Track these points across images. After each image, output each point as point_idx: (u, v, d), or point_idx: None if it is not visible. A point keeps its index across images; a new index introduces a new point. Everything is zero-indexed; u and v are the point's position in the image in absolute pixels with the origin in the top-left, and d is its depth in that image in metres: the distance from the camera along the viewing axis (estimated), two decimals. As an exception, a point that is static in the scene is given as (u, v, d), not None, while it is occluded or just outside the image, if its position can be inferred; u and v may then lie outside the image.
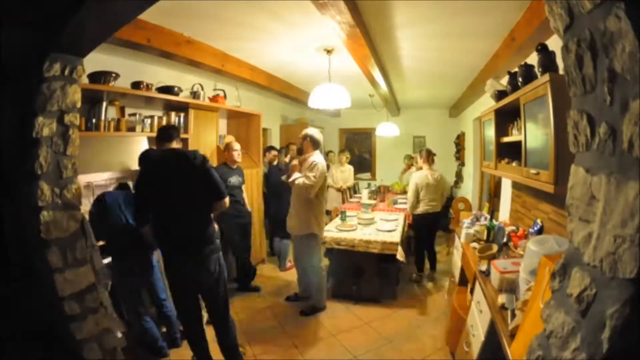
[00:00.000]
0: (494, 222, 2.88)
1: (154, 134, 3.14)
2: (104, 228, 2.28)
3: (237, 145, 3.64)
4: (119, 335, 2.38)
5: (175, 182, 2.06)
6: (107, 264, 2.41)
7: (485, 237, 2.69)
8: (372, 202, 5.26)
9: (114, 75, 2.64)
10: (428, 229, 4.09)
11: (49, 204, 1.41)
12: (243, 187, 3.78)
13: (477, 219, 3.21)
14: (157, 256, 2.59)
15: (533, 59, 2.11)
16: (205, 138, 3.80)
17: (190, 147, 3.51)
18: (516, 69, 2.37)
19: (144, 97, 2.96)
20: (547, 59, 1.92)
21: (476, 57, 3.43)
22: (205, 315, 2.42)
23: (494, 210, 3.85)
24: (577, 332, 0.63)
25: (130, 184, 2.74)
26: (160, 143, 2.26)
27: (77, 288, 1.47)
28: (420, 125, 7.79)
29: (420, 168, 4.18)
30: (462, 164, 6.92)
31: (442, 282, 4.06)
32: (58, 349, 1.49)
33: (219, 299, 2.25)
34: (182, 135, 3.45)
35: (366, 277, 3.49)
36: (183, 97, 3.42)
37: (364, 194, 5.67)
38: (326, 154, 6.59)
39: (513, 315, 1.50)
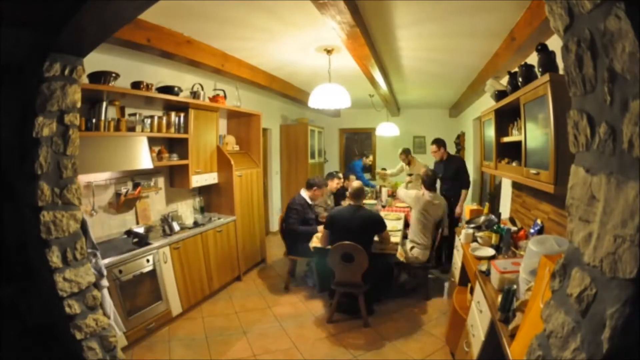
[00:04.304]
0: (502, 226, 2.84)
1: (154, 134, 3.17)
2: None
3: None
4: (119, 334, 2.38)
5: None
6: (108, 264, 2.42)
7: (494, 242, 2.62)
8: (373, 202, 5.25)
9: (114, 75, 2.64)
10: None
11: (49, 204, 1.41)
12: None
13: (489, 222, 2.98)
14: None
15: (533, 59, 2.11)
16: (205, 138, 3.80)
17: (190, 147, 3.52)
18: (516, 69, 2.37)
19: (144, 97, 2.97)
20: (547, 59, 1.92)
21: (476, 57, 3.43)
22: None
23: (494, 210, 3.84)
24: (577, 332, 0.63)
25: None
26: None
27: (77, 288, 1.47)
28: (420, 125, 7.79)
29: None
30: (462, 164, 6.91)
31: (442, 282, 4.06)
32: (58, 349, 1.49)
33: None
34: (182, 135, 3.47)
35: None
36: (183, 97, 3.42)
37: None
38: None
39: (513, 316, 1.51)
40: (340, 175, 4.91)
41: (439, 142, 4.58)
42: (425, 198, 3.59)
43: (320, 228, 3.69)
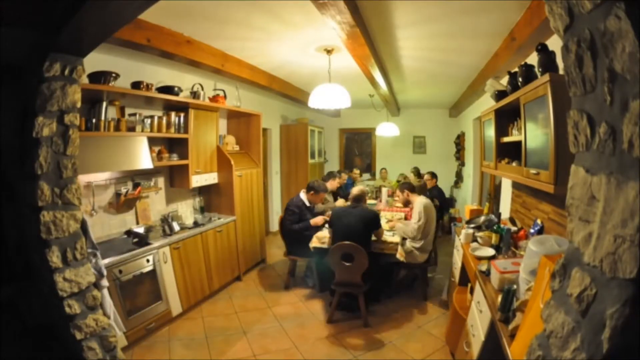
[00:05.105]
0: (502, 226, 2.84)
1: (154, 134, 3.17)
2: None
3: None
4: (119, 334, 2.38)
5: None
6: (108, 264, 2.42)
7: (494, 242, 2.63)
8: (373, 202, 5.26)
9: (114, 75, 2.64)
10: None
11: (49, 204, 1.41)
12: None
13: (489, 222, 2.98)
14: None
15: (533, 59, 2.11)
16: (205, 138, 3.80)
17: (190, 147, 3.52)
18: (516, 69, 2.37)
19: (144, 97, 2.96)
20: (547, 59, 1.92)
21: (476, 57, 3.43)
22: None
23: (494, 211, 3.84)
24: (577, 332, 0.63)
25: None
26: None
27: (77, 288, 1.47)
28: (420, 125, 7.79)
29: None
30: (462, 164, 6.92)
31: (442, 282, 4.06)
32: (58, 349, 1.49)
33: None
34: (182, 135, 3.47)
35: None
36: (183, 97, 3.42)
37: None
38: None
39: (513, 316, 1.51)
40: (339, 175, 4.99)
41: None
42: (426, 201, 3.61)
43: (314, 220, 3.75)
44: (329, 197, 4.76)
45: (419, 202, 3.61)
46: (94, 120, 2.61)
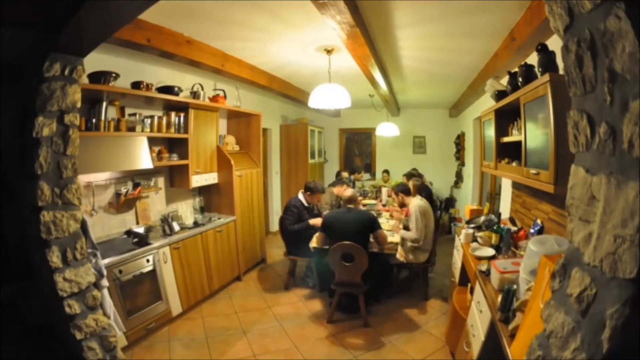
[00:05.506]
0: (502, 226, 2.84)
1: (154, 134, 3.17)
2: None
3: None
4: (119, 334, 2.38)
5: None
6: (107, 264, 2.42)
7: (495, 242, 2.64)
8: (373, 202, 5.26)
9: (114, 75, 2.64)
10: None
11: (49, 204, 1.41)
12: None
13: (489, 222, 2.99)
14: None
15: (533, 59, 2.11)
16: (205, 138, 3.80)
17: (190, 147, 3.52)
18: (516, 69, 2.37)
19: (144, 97, 2.96)
20: (547, 59, 1.92)
21: (476, 57, 3.43)
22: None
23: (495, 211, 3.84)
24: (577, 332, 0.63)
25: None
26: None
27: (77, 288, 1.47)
28: (420, 125, 7.79)
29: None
30: (462, 164, 6.92)
31: (442, 282, 4.06)
32: (58, 349, 1.49)
33: None
34: (182, 135, 3.47)
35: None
36: (183, 97, 3.42)
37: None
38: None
39: (513, 316, 1.51)
40: (346, 181, 5.05)
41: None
42: (421, 202, 3.56)
43: (313, 221, 3.73)
44: (334, 202, 4.68)
45: (414, 204, 3.54)
46: (94, 120, 2.61)
